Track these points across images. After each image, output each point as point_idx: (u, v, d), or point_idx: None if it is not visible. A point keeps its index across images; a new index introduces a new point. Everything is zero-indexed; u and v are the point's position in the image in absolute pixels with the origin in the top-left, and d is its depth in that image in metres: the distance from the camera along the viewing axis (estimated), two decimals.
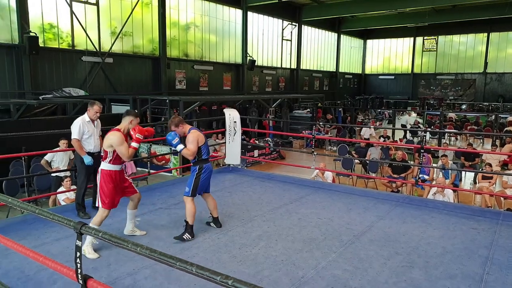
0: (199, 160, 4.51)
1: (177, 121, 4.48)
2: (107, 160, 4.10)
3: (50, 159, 7.83)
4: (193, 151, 4.39)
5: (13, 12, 12.78)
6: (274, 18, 24.56)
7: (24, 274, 3.51)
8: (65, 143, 7.60)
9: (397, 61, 34.75)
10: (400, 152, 9.72)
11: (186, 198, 4.46)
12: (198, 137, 4.43)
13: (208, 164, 4.59)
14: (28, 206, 2.14)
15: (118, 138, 4.04)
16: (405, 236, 4.57)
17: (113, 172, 4.12)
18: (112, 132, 4.09)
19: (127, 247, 1.73)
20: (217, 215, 4.79)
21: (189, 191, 4.45)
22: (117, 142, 4.02)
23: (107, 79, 15.73)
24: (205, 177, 4.54)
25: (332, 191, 6.54)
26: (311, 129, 17.52)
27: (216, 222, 4.78)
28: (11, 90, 12.85)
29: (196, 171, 4.49)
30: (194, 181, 4.47)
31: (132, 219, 4.50)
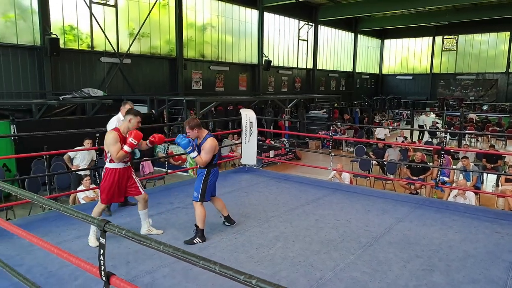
0: (208, 164, 4.44)
1: (194, 124, 4.36)
2: (108, 159, 4.19)
3: (73, 155, 7.95)
4: (206, 161, 4.35)
5: (35, 14, 13.04)
6: (290, 18, 24.50)
7: (46, 270, 3.58)
8: (90, 143, 7.71)
9: (415, 61, 34.28)
10: (419, 154, 9.60)
11: (195, 203, 4.41)
12: (215, 147, 4.38)
13: (215, 168, 4.53)
14: (54, 203, 2.18)
15: (112, 137, 4.10)
16: (425, 239, 4.50)
17: (116, 170, 4.20)
18: (109, 131, 4.19)
19: (150, 245, 1.74)
20: (227, 213, 4.76)
21: (198, 196, 4.39)
22: (110, 141, 4.09)
23: (125, 80, 15.92)
24: (212, 180, 4.48)
25: (350, 193, 6.49)
26: (327, 129, 17.44)
27: (229, 220, 4.76)
28: (33, 90, 13.12)
29: (203, 175, 4.42)
30: (202, 185, 4.40)
31: (146, 218, 4.53)
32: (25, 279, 2.65)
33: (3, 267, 2.86)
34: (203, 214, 4.36)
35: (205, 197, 4.42)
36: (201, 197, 4.39)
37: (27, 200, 3.46)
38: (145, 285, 3.40)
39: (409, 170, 9.63)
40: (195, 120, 4.46)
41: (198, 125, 4.38)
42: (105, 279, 1.97)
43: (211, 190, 4.51)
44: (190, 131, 4.34)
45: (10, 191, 2.63)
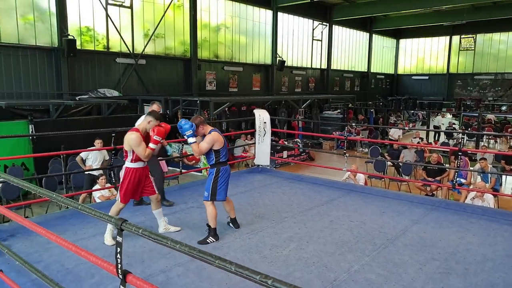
0: (217, 163, 4.43)
1: (198, 121, 4.38)
2: (128, 159, 4.22)
3: (85, 156, 8.04)
4: (202, 150, 4.32)
5: (53, 16, 13.28)
6: (305, 18, 24.43)
7: (64, 267, 3.63)
8: (100, 143, 7.80)
9: (431, 60, 33.81)
10: (435, 155, 9.46)
11: (205, 202, 4.42)
12: (216, 140, 4.34)
13: (226, 167, 4.49)
14: (72, 202, 2.21)
15: (136, 138, 4.11)
16: (441, 242, 4.44)
17: (136, 170, 4.25)
18: (131, 132, 4.17)
19: (166, 244, 1.75)
20: (234, 216, 4.74)
21: (208, 195, 4.39)
22: (135, 143, 4.11)
23: (140, 80, 16.08)
24: (223, 180, 4.45)
25: (365, 194, 6.44)
26: (341, 130, 17.33)
27: (234, 223, 4.74)
28: (50, 91, 13.35)
29: (213, 174, 4.42)
30: (212, 184, 4.40)
31: (161, 217, 4.57)
32: (43, 275, 2.69)
33: (23, 264, 2.92)
34: (214, 214, 4.36)
35: (216, 196, 4.40)
36: (212, 196, 4.38)
37: (45, 198, 3.51)
38: (160, 283, 3.42)
39: (425, 172, 9.51)
40: (199, 117, 4.50)
41: (202, 122, 4.41)
42: (121, 277, 1.99)
43: (223, 189, 4.46)
44: (196, 128, 4.37)
45: (31, 189, 2.68)
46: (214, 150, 4.37)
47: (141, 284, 1.90)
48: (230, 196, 5.74)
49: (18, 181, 2.72)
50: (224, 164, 4.48)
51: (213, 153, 4.39)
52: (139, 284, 1.92)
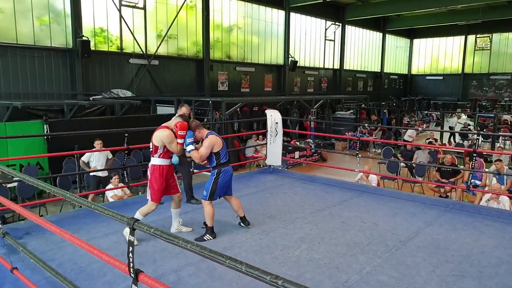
0: (218, 164, 4.47)
1: (194, 125, 4.40)
2: (157, 155, 4.26)
3: (87, 159, 8.05)
4: (202, 156, 4.36)
5: (68, 17, 13.47)
6: (317, 18, 24.35)
7: (77, 266, 3.67)
8: (100, 144, 7.83)
9: (446, 60, 33.41)
10: (449, 156, 9.35)
11: (204, 201, 4.49)
12: (214, 143, 4.37)
13: (227, 168, 4.53)
14: (85, 201, 2.23)
15: (169, 135, 4.21)
16: (455, 244, 4.38)
17: (163, 167, 4.29)
18: (163, 129, 4.26)
19: (178, 244, 1.76)
20: (243, 214, 4.76)
21: (207, 195, 4.46)
22: (168, 140, 4.20)
23: (152, 81, 16.20)
24: (224, 180, 4.49)
25: (377, 195, 6.38)
26: (354, 130, 17.22)
27: (244, 221, 4.76)
28: (65, 91, 13.53)
29: (214, 175, 4.47)
30: (211, 185, 4.45)
31: (177, 217, 4.63)
32: (57, 273, 2.73)
33: (37, 262, 2.96)
34: (211, 212, 4.44)
35: (214, 196, 4.48)
36: (210, 196, 4.46)
37: (59, 197, 3.56)
38: (171, 283, 3.44)
39: (439, 173, 9.40)
40: (194, 121, 4.54)
41: (198, 126, 4.45)
42: (133, 276, 2.01)
43: (222, 189, 4.54)
44: (193, 132, 4.41)
45: (45, 188, 2.72)
46: (214, 152, 4.41)
47: (153, 283, 1.92)
48: (242, 197, 5.76)
49: (33, 180, 2.77)
50: (225, 165, 4.53)
51: (214, 156, 4.43)
52: (150, 283, 1.93)
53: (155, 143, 4.25)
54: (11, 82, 12.31)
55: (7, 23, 12.25)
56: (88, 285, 3.34)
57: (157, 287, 1.88)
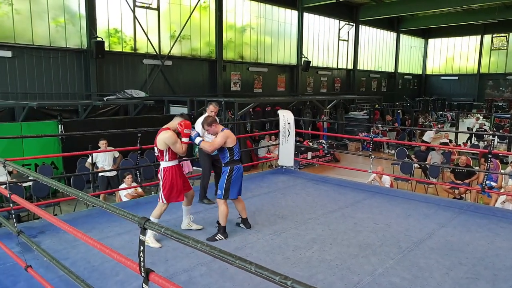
0: (231, 161, 4.47)
1: (210, 120, 4.48)
2: (165, 159, 4.26)
3: (94, 159, 8.15)
4: (215, 145, 4.36)
5: (82, 19, 13.63)
6: (331, 18, 24.24)
7: (90, 265, 3.72)
8: (104, 143, 7.89)
9: (461, 60, 32.91)
10: (463, 157, 9.22)
11: (218, 200, 4.48)
12: (229, 136, 4.39)
13: (239, 166, 4.54)
14: (97, 200, 2.26)
15: (171, 136, 4.18)
16: (469, 246, 4.31)
17: (173, 168, 4.29)
18: (164, 131, 4.22)
19: (188, 243, 1.77)
20: (246, 216, 4.75)
21: (222, 193, 4.45)
22: (171, 141, 4.18)
23: (166, 81, 16.30)
24: (236, 178, 4.49)
25: (390, 196, 6.32)
26: (367, 131, 17.09)
27: (245, 223, 4.74)
28: (79, 91, 13.70)
29: (227, 173, 4.46)
30: (225, 182, 4.44)
31: (188, 214, 4.67)
32: (70, 272, 2.76)
33: (50, 260, 3.00)
34: (226, 212, 4.43)
35: (229, 194, 4.45)
36: (225, 195, 4.44)
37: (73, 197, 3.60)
38: (183, 282, 3.45)
39: (453, 174, 9.27)
40: (211, 117, 4.66)
41: (214, 121, 4.51)
42: (144, 275, 2.02)
43: (236, 187, 4.51)
44: (209, 128, 4.45)
45: (58, 188, 2.75)
46: (228, 148, 4.41)
47: (164, 283, 1.92)
48: (254, 197, 5.76)
49: (47, 179, 2.80)
50: (238, 163, 4.54)
51: (227, 151, 4.43)
52: (161, 283, 1.94)
53: (159, 147, 4.22)
54: (27, 83, 12.51)
55: (24, 25, 12.45)
56: (100, 284, 3.38)
57: (167, 286, 1.89)
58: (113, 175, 8.07)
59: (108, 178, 8.09)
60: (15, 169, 3.51)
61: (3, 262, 3.73)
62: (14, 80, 12.27)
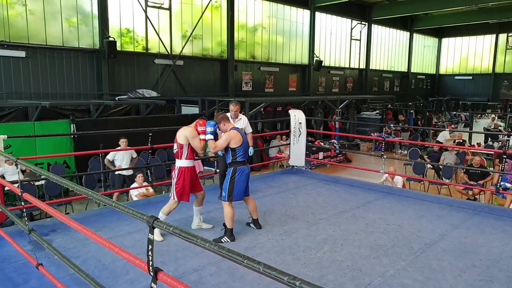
0: (234, 162, 4.40)
1: (220, 118, 4.47)
2: (183, 156, 4.30)
3: (112, 158, 8.19)
4: (217, 146, 4.32)
5: (95, 19, 13.75)
6: (343, 17, 24.09)
7: (100, 263, 3.73)
8: (125, 142, 7.94)
9: (476, 60, 32.43)
10: (477, 158, 9.07)
11: (223, 202, 4.42)
12: (232, 138, 4.32)
13: (243, 167, 4.45)
14: (106, 199, 2.26)
15: (192, 131, 4.28)
16: (483, 248, 4.23)
17: (189, 168, 4.34)
18: (185, 127, 4.35)
19: (196, 243, 1.75)
20: (257, 217, 4.71)
21: (225, 195, 4.39)
22: (192, 135, 4.26)
23: (177, 81, 16.37)
24: (240, 179, 4.41)
25: (402, 197, 6.25)
26: (379, 131, 16.94)
27: (256, 224, 4.71)
28: (91, 91, 13.82)
29: (229, 174, 4.40)
30: (228, 184, 4.38)
31: (198, 214, 4.69)
32: (80, 270, 2.77)
33: (61, 259, 3.02)
34: (231, 214, 4.36)
35: (232, 196, 4.39)
36: (229, 196, 4.38)
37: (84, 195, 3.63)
38: (192, 282, 3.45)
39: (467, 175, 9.13)
40: (221, 114, 4.62)
41: (224, 118, 4.49)
42: (152, 274, 2.01)
43: (240, 189, 4.43)
44: (218, 125, 4.43)
45: (69, 187, 2.76)
46: (231, 148, 4.35)
47: (172, 282, 1.91)
48: (264, 197, 5.74)
49: (57, 178, 2.82)
50: (242, 164, 4.45)
51: (230, 152, 4.37)
52: (169, 282, 1.93)
53: (180, 141, 4.29)
54: (40, 83, 12.66)
55: (37, 25, 12.61)
56: (110, 282, 3.39)
57: (175, 285, 1.88)
58: (130, 174, 8.11)
59: (125, 177, 8.13)
60: (28, 168, 3.54)
61: (15, 260, 3.78)
62: (28, 80, 12.43)
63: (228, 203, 4.39)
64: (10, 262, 3.76)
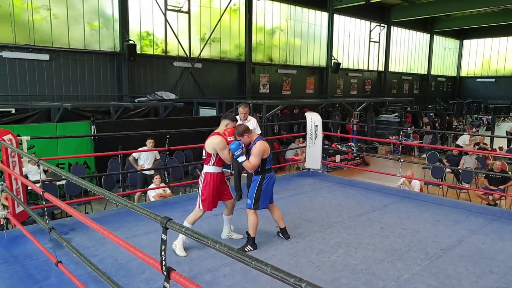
0: (262, 170, 4.24)
1: (242, 130, 4.19)
2: (210, 163, 4.18)
3: (137, 156, 8.37)
4: (255, 165, 4.14)
5: (116, 22, 14.02)
6: (361, 20, 23.94)
7: (117, 262, 3.82)
8: (151, 143, 8.08)
9: (499, 62, 31.73)
10: (498, 162, 8.90)
11: (248, 210, 4.26)
12: (264, 150, 4.16)
13: (270, 174, 4.31)
14: (122, 200, 2.32)
15: (221, 142, 4.09)
16: (502, 254, 4.16)
17: (216, 175, 4.20)
18: (215, 136, 4.16)
19: (207, 243, 1.79)
20: (284, 225, 4.51)
21: (251, 203, 4.23)
22: (220, 146, 4.08)
23: (195, 83, 16.53)
24: (267, 188, 4.27)
25: (419, 201, 6.18)
26: (398, 134, 16.73)
27: (284, 233, 4.52)
28: (112, 93, 14.09)
29: (257, 182, 4.24)
30: (255, 192, 4.23)
31: (228, 224, 4.56)
32: (97, 269, 2.85)
33: (79, 257, 3.10)
34: (255, 223, 4.23)
35: (259, 204, 4.24)
36: (255, 205, 4.23)
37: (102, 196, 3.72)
38: (206, 282, 3.49)
39: (487, 180, 8.96)
40: (242, 125, 4.31)
41: (246, 130, 4.24)
42: (165, 273, 2.06)
43: (267, 197, 4.30)
44: (241, 138, 4.19)
45: (87, 187, 2.84)
46: (262, 159, 4.20)
47: (184, 282, 1.96)
48: (279, 199, 5.74)
49: (76, 179, 2.90)
50: (269, 171, 4.31)
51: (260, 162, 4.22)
52: (182, 282, 1.97)
53: (208, 150, 4.15)
54: (63, 85, 12.97)
55: (61, 29, 12.93)
56: (126, 281, 3.46)
57: (187, 285, 1.92)
58: (151, 173, 8.24)
59: (146, 176, 8.28)
60: (49, 168, 3.65)
61: (36, 257, 3.89)
62: (51, 82, 12.75)
63: (253, 211, 4.24)
64: (31, 259, 3.88)
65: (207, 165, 4.21)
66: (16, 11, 11.98)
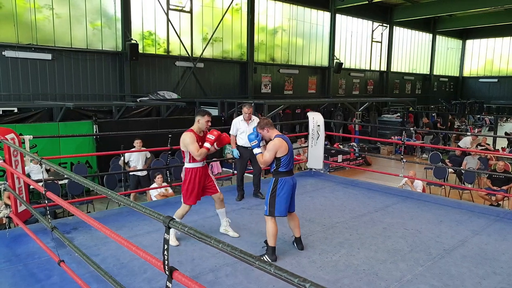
0: (276, 172, 4.01)
1: (263, 123, 4.08)
2: (186, 159, 4.31)
3: (128, 159, 8.34)
4: (266, 160, 3.96)
5: (118, 22, 14.03)
6: (364, 19, 23.90)
7: (119, 262, 3.81)
8: (139, 143, 8.07)
9: (501, 62, 31.64)
10: (501, 163, 8.87)
11: (266, 217, 4.01)
12: (279, 147, 3.93)
13: (287, 178, 4.01)
14: (124, 199, 2.31)
15: (189, 137, 4.22)
16: (505, 255, 4.14)
17: (195, 169, 4.30)
18: (185, 133, 4.30)
19: (210, 243, 1.79)
20: (299, 235, 4.23)
21: (267, 209, 3.98)
22: (185, 142, 4.22)
23: (197, 83, 16.53)
24: (284, 192, 3.97)
25: (422, 201, 6.16)
26: (400, 134, 16.71)
27: (298, 243, 4.23)
28: (114, 93, 14.10)
29: (271, 185, 4.01)
30: (269, 198, 3.97)
31: (224, 217, 4.59)
32: (99, 268, 2.84)
33: (81, 256, 3.10)
34: (273, 231, 3.93)
35: (274, 211, 3.95)
36: (270, 212, 3.96)
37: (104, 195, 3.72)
38: (208, 282, 3.49)
39: (490, 180, 8.93)
40: (265, 119, 4.20)
41: (267, 124, 4.09)
42: (168, 273, 2.05)
43: (282, 203, 3.97)
44: (261, 131, 4.09)
45: (89, 186, 2.84)
46: (276, 157, 3.99)
47: (186, 282, 1.95)
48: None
49: (78, 178, 2.90)
50: (285, 175, 4.01)
51: (275, 161, 4.00)
52: (184, 281, 1.96)
53: (181, 147, 4.31)
54: (65, 84, 12.98)
55: (63, 28, 12.94)
56: (128, 280, 3.46)
57: (190, 285, 1.91)
58: (144, 174, 8.26)
59: (139, 177, 8.27)
60: (52, 167, 3.65)
61: (38, 256, 3.90)
62: (53, 81, 12.76)
63: (270, 218, 3.96)
64: (33, 258, 3.88)
65: (185, 162, 4.35)
66: (19, 11, 11.99)
